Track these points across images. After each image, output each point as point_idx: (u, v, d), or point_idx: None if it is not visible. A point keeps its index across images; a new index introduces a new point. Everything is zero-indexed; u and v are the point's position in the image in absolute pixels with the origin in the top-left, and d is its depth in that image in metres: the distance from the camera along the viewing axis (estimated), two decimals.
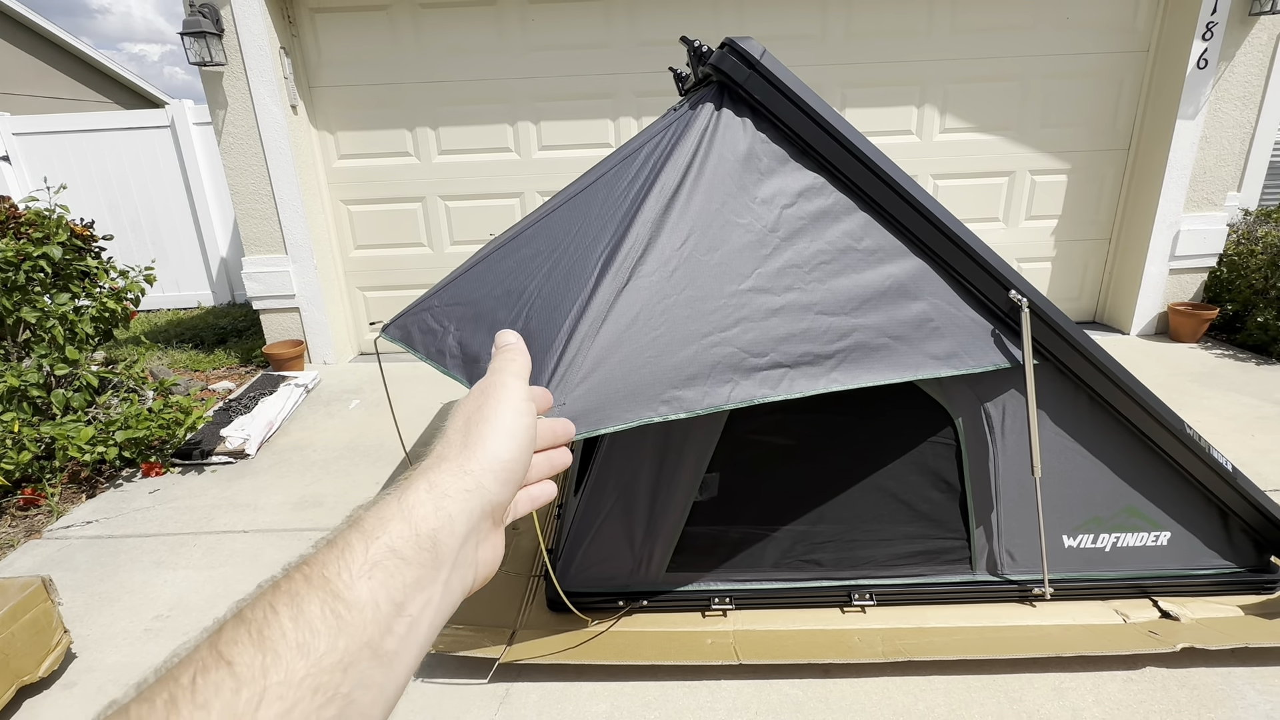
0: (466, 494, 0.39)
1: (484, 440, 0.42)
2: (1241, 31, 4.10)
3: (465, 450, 0.41)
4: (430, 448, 0.43)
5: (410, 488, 0.38)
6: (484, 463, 0.41)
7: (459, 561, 0.38)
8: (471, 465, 0.41)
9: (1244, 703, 1.75)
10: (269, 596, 0.31)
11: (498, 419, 0.44)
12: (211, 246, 6.28)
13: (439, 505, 0.37)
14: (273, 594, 0.31)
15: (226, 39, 4.00)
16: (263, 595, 0.31)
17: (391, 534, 0.35)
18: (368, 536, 0.34)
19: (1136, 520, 2.00)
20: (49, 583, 1.96)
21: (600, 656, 1.88)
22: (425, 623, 0.35)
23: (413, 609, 0.34)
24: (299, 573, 0.32)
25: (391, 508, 0.36)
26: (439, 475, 0.39)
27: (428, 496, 0.38)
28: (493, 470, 0.41)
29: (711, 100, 1.69)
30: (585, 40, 4.29)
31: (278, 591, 0.31)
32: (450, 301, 1.97)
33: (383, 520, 0.36)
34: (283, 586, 0.31)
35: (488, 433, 0.43)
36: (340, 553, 0.33)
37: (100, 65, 10.46)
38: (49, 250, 3.15)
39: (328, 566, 0.32)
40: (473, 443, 0.42)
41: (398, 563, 0.34)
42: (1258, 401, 3.54)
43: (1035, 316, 1.73)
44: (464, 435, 0.43)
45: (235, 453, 3.33)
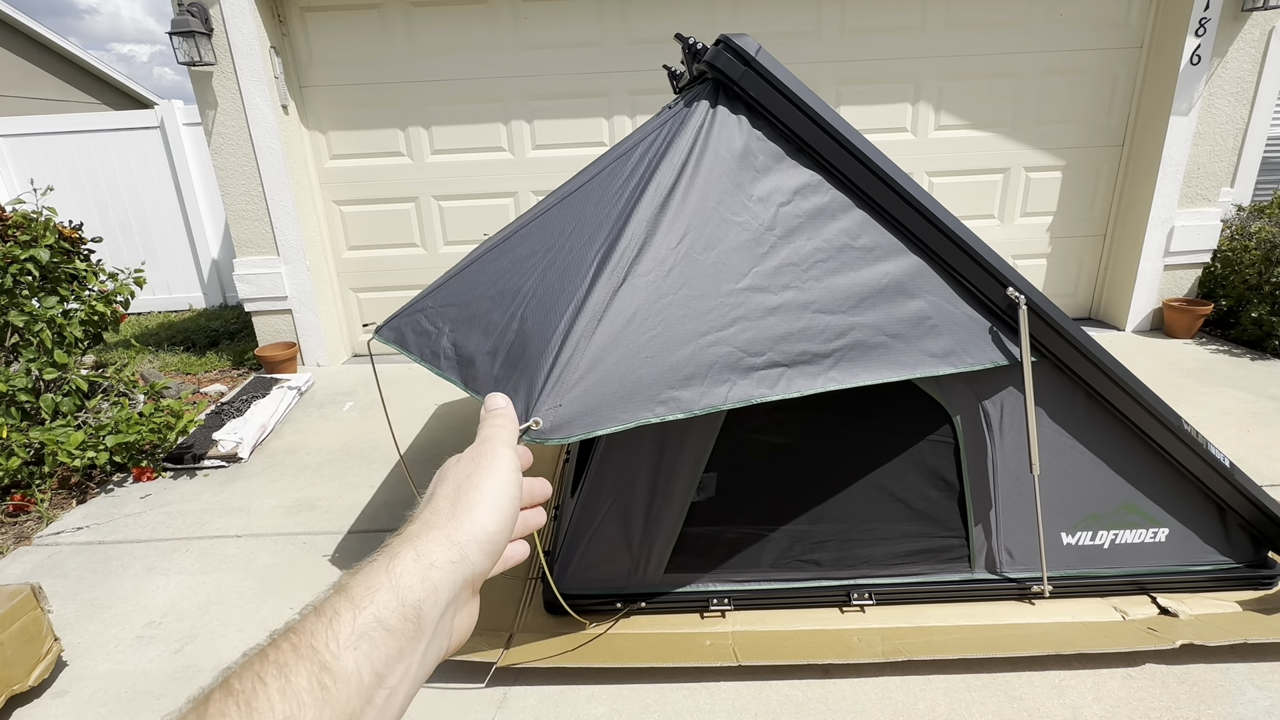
0: (452, 565, 0.39)
1: (471, 510, 0.43)
2: (1234, 27, 4.11)
3: (453, 520, 0.42)
4: (418, 511, 0.43)
5: (398, 555, 0.38)
6: (470, 534, 0.41)
7: (438, 631, 0.38)
8: (458, 536, 0.41)
9: (1243, 699, 1.75)
10: (256, 666, 0.30)
11: (486, 489, 0.44)
12: (202, 248, 6.23)
13: (425, 575, 0.38)
14: (260, 664, 0.31)
15: (216, 38, 3.96)
16: (250, 664, 0.31)
17: (379, 604, 0.35)
18: (355, 605, 0.34)
19: (1135, 517, 2.00)
20: (39, 590, 1.93)
21: (598, 659, 1.87)
22: (402, 693, 0.35)
23: (392, 680, 0.34)
24: (286, 642, 0.32)
25: (379, 576, 0.36)
26: (426, 544, 0.39)
27: (414, 566, 0.38)
28: (478, 541, 0.42)
29: (707, 98, 1.67)
30: (578, 38, 4.27)
31: (265, 661, 0.31)
32: (444, 302, 1.95)
33: (370, 589, 0.35)
34: (270, 656, 0.31)
35: (476, 502, 0.43)
36: (329, 622, 0.33)
37: (88, 66, 10.37)
38: (36, 253, 3.11)
39: (315, 636, 0.32)
40: (460, 512, 0.42)
41: (383, 634, 0.34)
42: (1253, 397, 3.55)
43: (1033, 313, 1.72)
44: (453, 504, 0.43)
45: (228, 456, 3.30)
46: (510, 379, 1.48)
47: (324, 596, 0.35)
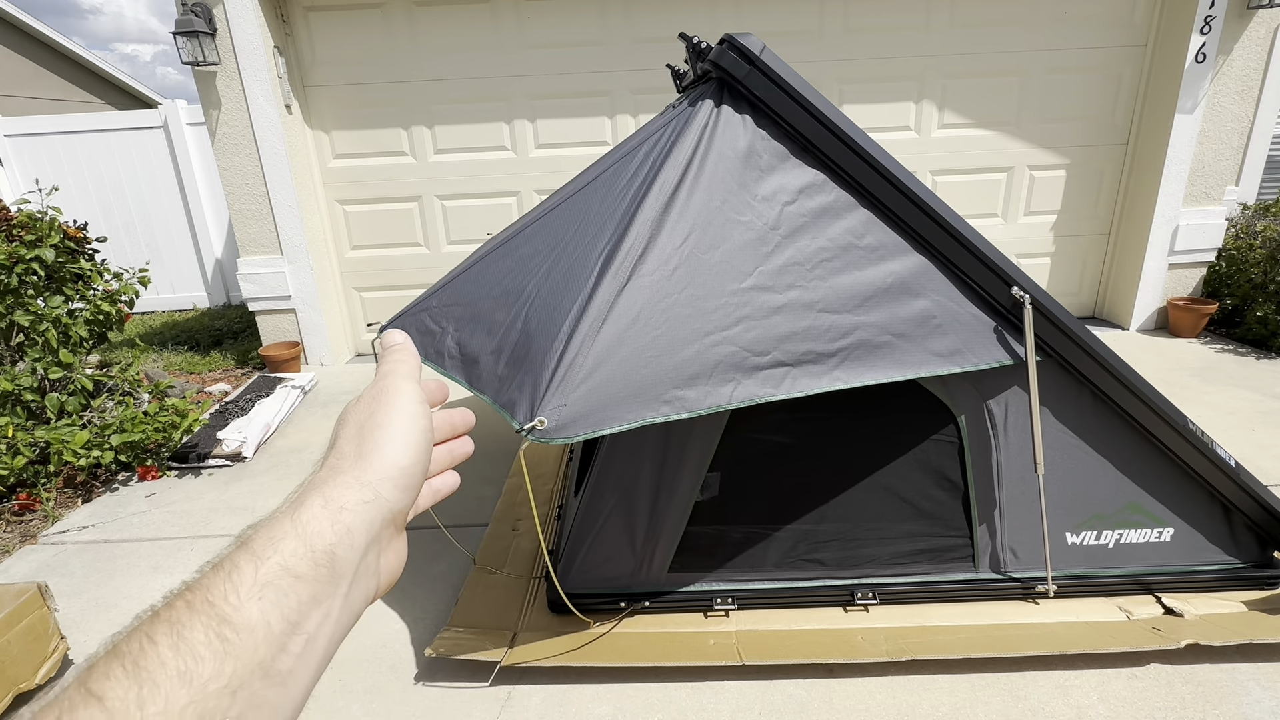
0: (365, 505, 0.38)
1: (379, 448, 0.41)
2: (1239, 25, 4.09)
3: (360, 461, 0.40)
4: (321, 460, 0.41)
5: (304, 504, 0.36)
6: (381, 471, 0.40)
7: (360, 573, 0.37)
8: (368, 475, 0.39)
9: (1249, 699, 1.74)
10: (146, 627, 0.29)
11: (392, 425, 0.42)
12: (206, 248, 6.25)
13: (335, 519, 0.36)
14: (150, 624, 0.30)
15: (220, 38, 3.97)
16: (139, 627, 0.30)
17: (284, 552, 0.34)
18: (258, 557, 0.33)
19: (1140, 517, 2.00)
20: (45, 589, 1.94)
21: (602, 658, 1.87)
22: (324, 638, 0.34)
23: (309, 626, 0.33)
24: (180, 600, 0.31)
25: (284, 525, 0.35)
26: (334, 489, 0.38)
27: (323, 511, 0.36)
28: (391, 478, 0.40)
29: (711, 97, 1.67)
30: (581, 38, 4.26)
31: (156, 621, 0.30)
32: (448, 302, 1.95)
33: (274, 539, 0.34)
34: (162, 615, 0.30)
35: (383, 440, 0.41)
36: (227, 575, 0.32)
37: (92, 66, 10.38)
38: (42, 253, 3.12)
39: (212, 590, 0.31)
40: (367, 452, 0.40)
41: (291, 581, 0.33)
42: (1258, 396, 3.54)
43: (1038, 313, 1.72)
44: (358, 445, 0.41)
45: (232, 456, 3.31)
46: (515, 378, 1.48)
47: (224, 553, 0.34)
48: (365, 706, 1.83)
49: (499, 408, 1.46)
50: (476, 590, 2.16)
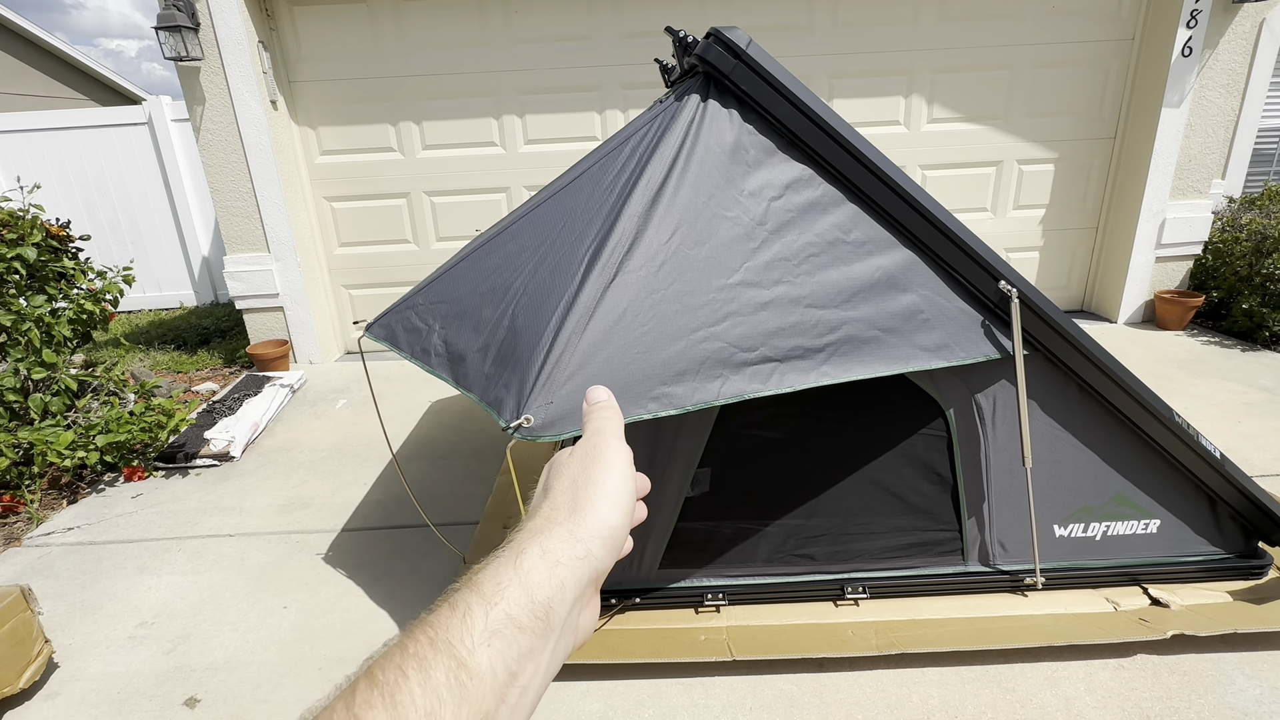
0: (577, 561, 0.39)
1: (593, 505, 0.42)
2: (1225, 19, 4.11)
3: (575, 515, 0.41)
4: (534, 508, 0.42)
5: (524, 551, 0.38)
6: (593, 529, 0.41)
7: (565, 628, 0.38)
8: (581, 531, 0.40)
9: (1233, 688, 1.76)
10: (398, 659, 0.31)
11: (605, 483, 0.43)
12: (193, 245, 6.18)
13: (552, 572, 0.37)
14: (401, 656, 0.31)
15: (203, 33, 3.92)
16: (390, 656, 0.31)
17: (509, 600, 0.35)
18: (487, 602, 0.34)
19: (1126, 508, 2.01)
20: (28, 592, 1.92)
21: (593, 655, 1.86)
22: (533, 691, 0.35)
23: (524, 678, 0.34)
24: (424, 634, 0.32)
25: (507, 572, 0.36)
26: (551, 540, 0.39)
27: (541, 562, 0.37)
28: (601, 537, 0.41)
29: (697, 92, 1.66)
30: (569, 32, 4.24)
31: (405, 654, 0.31)
32: (435, 299, 1.94)
33: (500, 585, 0.35)
34: (410, 649, 0.31)
35: (596, 497, 0.42)
36: (462, 617, 0.33)
37: (76, 62, 10.24)
38: (23, 251, 3.08)
39: (451, 631, 0.32)
40: (582, 507, 0.41)
41: (515, 631, 0.34)
42: (1243, 388, 3.57)
43: (1025, 307, 1.72)
44: (572, 499, 0.42)
45: (220, 455, 3.28)
46: (501, 376, 1.48)
47: (454, 590, 0.35)
48: None
49: (486, 405, 1.45)
50: None
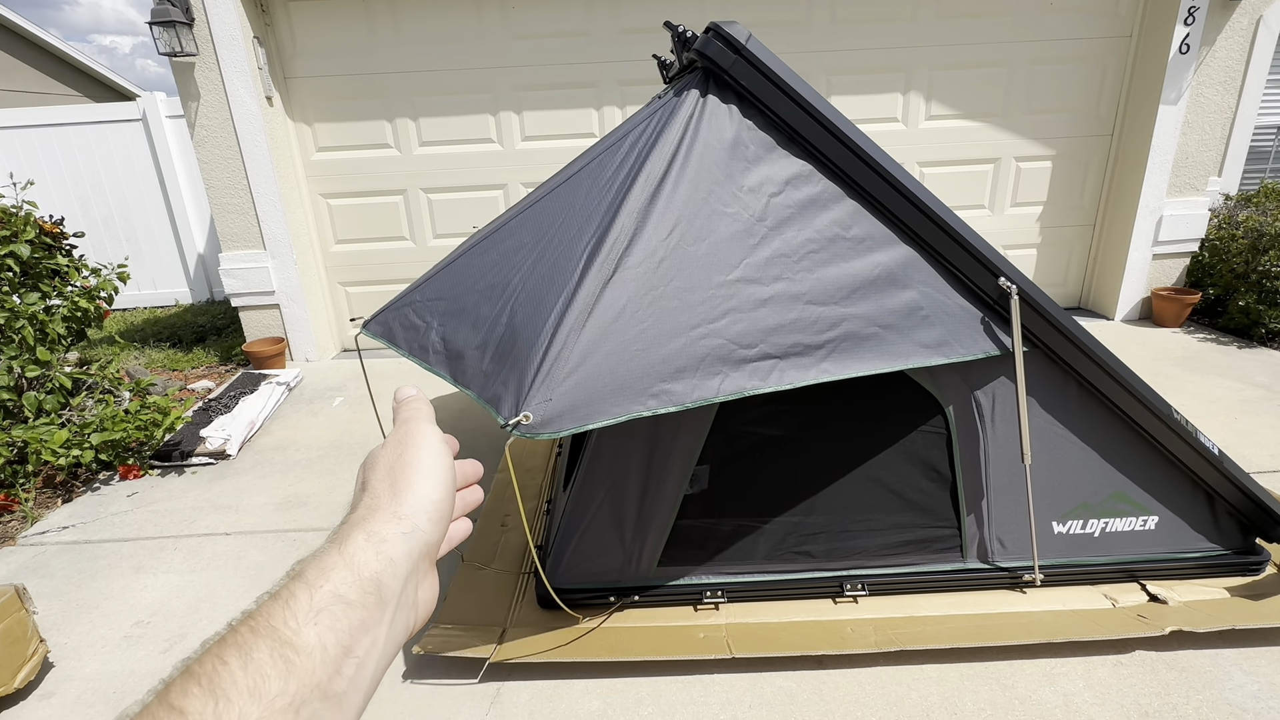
0: (404, 536, 0.41)
1: (412, 484, 0.44)
2: (1223, 16, 4.11)
3: (395, 498, 0.43)
4: (354, 503, 0.44)
5: (348, 538, 0.39)
6: (415, 505, 0.43)
7: (401, 603, 0.39)
8: (404, 509, 0.42)
9: (1231, 683, 1.76)
10: (216, 650, 0.32)
11: (420, 463, 0.45)
12: (188, 243, 6.15)
13: (379, 550, 0.39)
14: (219, 647, 0.32)
15: (197, 28, 3.89)
16: (210, 650, 0.32)
17: (335, 581, 0.36)
18: (311, 585, 0.36)
19: (1125, 505, 2.01)
20: (23, 591, 1.90)
21: (592, 653, 1.86)
22: (372, 663, 0.37)
23: (359, 650, 0.35)
24: (244, 625, 0.33)
25: (333, 557, 0.38)
26: (374, 524, 0.40)
27: (367, 544, 0.39)
28: (425, 511, 0.43)
29: (696, 87, 1.65)
30: (567, 28, 4.22)
31: (224, 645, 0.32)
32: (432, 296, 1.93)
33: (325, 570, 0.37)
34: (229, 640, 0.32)
35: (414, 477, 0.44)
36: (285, 602, 0.34)
37: (69, 58, 10.16)
38: (17, 248, 3.05)
39: (273, 616, 0.34)
40: (401, 489, 0.43)
41: (343, 607, 0.35)
42: (1240, 385, 3.58)
43: (1024, 303, 1.72)
44: (390, 484, 0.44)
45: (216, 453, 3.27)
46: (500, 373, 1.47)
47: (279, 584, 0.36)
48: None
49: (484, 403, 1.44)
50: (465, 587, 2.15)
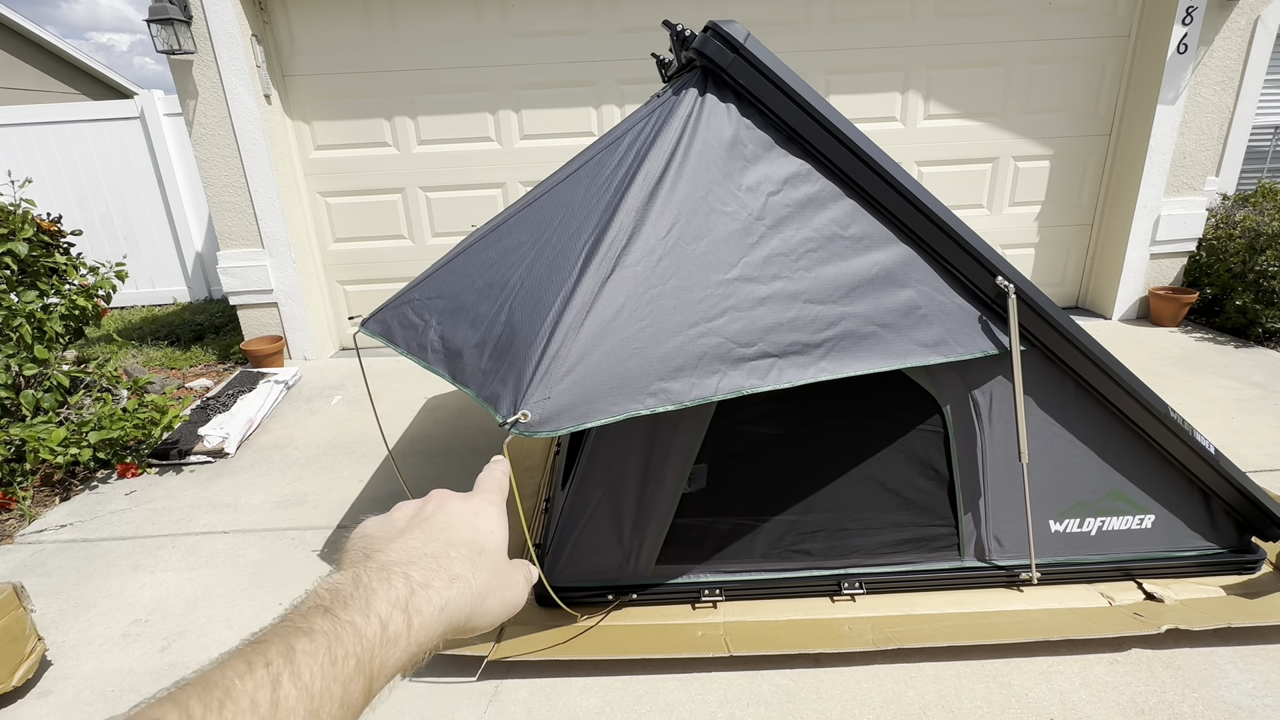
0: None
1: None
2: (1220, 16, 4.12)
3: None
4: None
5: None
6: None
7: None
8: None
9: (1227, 681, 1.77)
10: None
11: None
12: (186, 241, 6.14)
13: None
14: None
15: (195, 26, 3.88)
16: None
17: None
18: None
19: (1121, 504, 2.02)
20: (21, 589, 1.90)
21: (590, 651, 1.86)
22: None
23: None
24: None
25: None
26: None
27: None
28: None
29: (695, 86, 1.65)
30: (565, 26, 4.22)
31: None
32: (431, 295, 1.93)
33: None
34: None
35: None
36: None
37: (67, 56, 10.14)
38: (14, 246, 3.05)
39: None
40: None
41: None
42: (1237, 384, 3.59)
43: (1022, 302, 1.72)
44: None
45: (214, 452, 3.27)
46: (498, 371, 1.47)
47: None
48: None
49: (482, 401, 1.44)
50: None
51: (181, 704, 0.28)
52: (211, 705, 0.28)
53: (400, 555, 0.39)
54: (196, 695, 0.28)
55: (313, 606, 0.34)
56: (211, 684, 0.29)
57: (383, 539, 0.41)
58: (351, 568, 0.38)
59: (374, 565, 0.38)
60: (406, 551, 0.40)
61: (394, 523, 0.43)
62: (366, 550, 0.40)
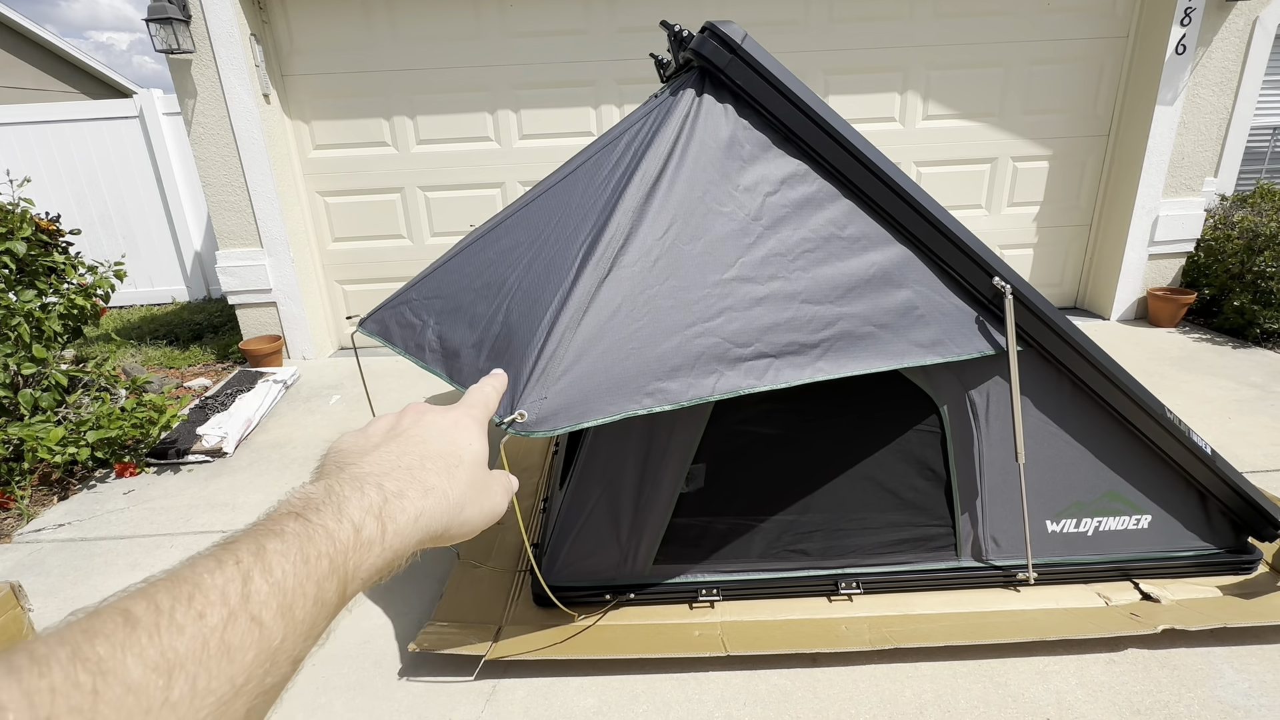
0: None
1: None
2: (1219, 16, 4.12)
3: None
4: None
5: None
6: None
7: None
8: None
9: (1223, 681, 1.77)
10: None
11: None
12: (185, 240, 6.14)
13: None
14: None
15: (194, 25, 3.88)
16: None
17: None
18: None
19: (1118, 504, 2.02)
20: (18, 588, 1.90)
21: (587, 651, 1.87)
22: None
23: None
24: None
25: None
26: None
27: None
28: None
29: (693, 86, 1.66)
30: (564, 26, 4.22)
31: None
32: (429, 294, 1.93)
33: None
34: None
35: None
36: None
37: (66, 54, 10.14)
38: (13, 245, 3.05)
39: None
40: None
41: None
42: (1234, 385, 3.59)
43: (1019, 303, 1.72)
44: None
45: (212, 451, 3.27)
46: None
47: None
48: (348, 702, 1.82)
49: None
50: (460, 584, 2.15)
51: (149, 596, 0.28)
52: (180, 597, 0.28)
53: (374, 467, 0.39)
54: (164, 589, 0.28)
55: (284, 513, 0.34)
56: (180, 579, 0.29)
57: (357, 452, 0.41)
58: (324, 478, 0.38)
59: (347, 476, 0.38)
60: (381, 464, 0.40)
61: (369, 437, 0.44)
62: (340, 463, 0.40)
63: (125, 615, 0.26)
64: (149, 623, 0.26)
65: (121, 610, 0.26)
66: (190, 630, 0.27)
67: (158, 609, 0.27)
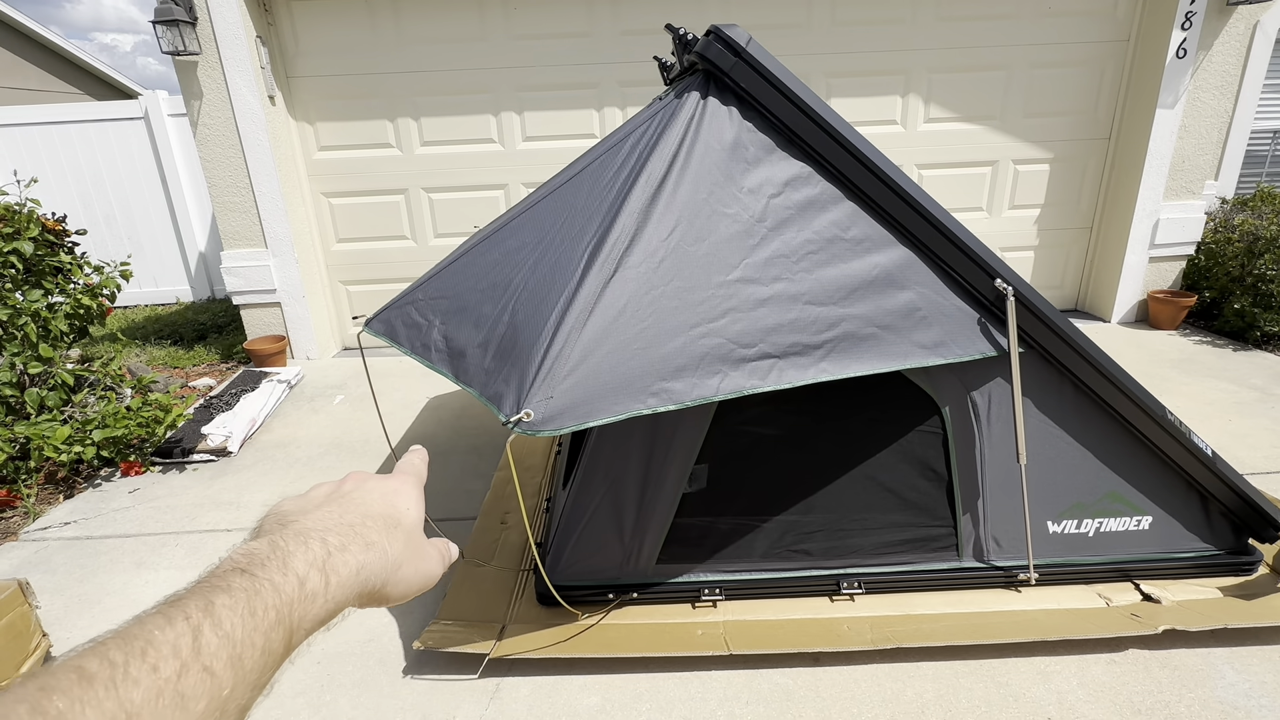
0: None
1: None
2: (1220, 21, 4.14)
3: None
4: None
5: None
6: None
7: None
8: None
9: (1223, 682, 1.78)
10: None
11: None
12: (190, 241, 6.16)
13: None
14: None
15: (200, 27, 3.91)
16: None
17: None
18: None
19: (1119, 505, 2.03)
20: (26, 585, 1.92)
21: (591, 649, 1.88)
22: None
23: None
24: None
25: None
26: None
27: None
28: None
29: (697, 89, 1.67)
30: (568, 29, 4.24)
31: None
32: (434, 295, 1.95)
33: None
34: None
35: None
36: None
37: (71, 56, 10.18)
38: (20, 246, 3.07)
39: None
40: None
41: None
42: (1235, 387, 3.60)
43: (1020, 305, 1.74)
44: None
45: (217, 450, 3.28)
46: (501, 371, 1.48)
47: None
48: (353, 700, 1.83)
49: (485, 400, 1.46)
50: (465, 583, 2.16)
51: (101, 653, 0.28)
52: (133, 652, 0.29)
53: (318, 524, 0.41)
54: (116, 645, 0.29)
55: (229, 569, 0.35)
56: (131, 635, 0.30)
57: (299, 511, 0.43)
58: (267, 535, 0.39)
59: (290, 532, 0.39)
60: (324, 521, 0.41)
61: (311, 499, 0.45)
62: (283, 521, 0.42)
63: (79, 671, 0.27)
64: (104, 677, 0.27)
65: (75, 667, 0.28)
66: (145, 682, 0.28)
67: (112, 664, 0.28)
